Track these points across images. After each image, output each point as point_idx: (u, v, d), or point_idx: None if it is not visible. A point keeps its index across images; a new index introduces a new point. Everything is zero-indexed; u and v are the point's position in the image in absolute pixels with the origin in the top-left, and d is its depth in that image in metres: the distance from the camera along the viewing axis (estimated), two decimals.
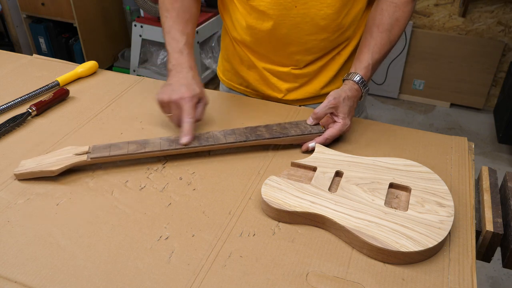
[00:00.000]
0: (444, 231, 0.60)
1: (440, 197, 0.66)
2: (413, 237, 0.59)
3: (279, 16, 0.87)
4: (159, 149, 0.76)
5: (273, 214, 0.66)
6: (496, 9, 2.50)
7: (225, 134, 0.79)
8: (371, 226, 0.61)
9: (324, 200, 0.66)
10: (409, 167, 0.72)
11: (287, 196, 0.66)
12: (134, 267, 0.59)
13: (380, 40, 0.85)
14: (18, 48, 2.95)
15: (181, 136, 0.77)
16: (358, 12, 0.90)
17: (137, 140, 0.78)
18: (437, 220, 0.62)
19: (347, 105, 0.80)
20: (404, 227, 0.61)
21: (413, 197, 0.66)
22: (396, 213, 0.63)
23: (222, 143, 0.78)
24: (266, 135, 0.79)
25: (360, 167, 0.72)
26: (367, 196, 0.66)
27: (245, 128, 0.81)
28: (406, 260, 0.59)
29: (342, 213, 0.63)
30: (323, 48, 0.92)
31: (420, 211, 0.64)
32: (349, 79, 0.84)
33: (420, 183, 0.69)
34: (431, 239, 0.59)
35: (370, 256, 0.60)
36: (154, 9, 2.35)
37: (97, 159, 0.74)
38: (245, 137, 0.79)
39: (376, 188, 0.68)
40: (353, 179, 0.70)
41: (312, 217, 0.64)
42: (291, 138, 0.80)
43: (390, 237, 0.59)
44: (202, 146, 0.77)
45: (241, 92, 1.06)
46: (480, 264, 0.78)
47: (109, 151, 0.75)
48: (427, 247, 0.58)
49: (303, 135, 0.80)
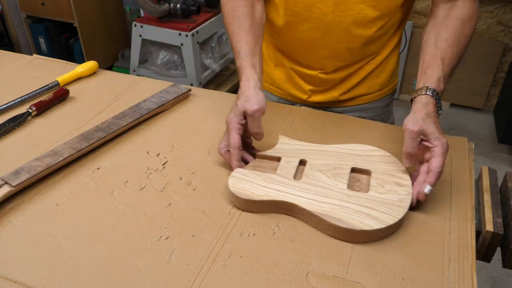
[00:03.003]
0: (404, 209, 0.64)
1: (399, 178, 0.70)
2: (376, 216, 0.63)
3: (315, 20, 0.87)
4: (77, 150, 0.76)
5: (240, 205, 0.68)
6: (496, 9, 2.50)
7: (122, 117, 0.86)
8: (336, 209, 0.64)
9: (290, 187, 0.68)
10: (369, 152, 0.76)
11: (254, 186, 0.68)
12: (134, 267, 0.59)
13: (450, 53, 0.78)
14: (18, 48, 2.95)
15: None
16: (391, 26, 0.90)
17: (44, 154, 0.75)
18: (397, 199, 0.66)
19: (431, 123, 0.69)
20: (367, 207, 0.64)
21: (373, 179, 0.70)
22: (358, 195, 0.67)
23: (124, 125, 0.84)
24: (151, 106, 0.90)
25: (322, 154, 0.76)
26: (330, 181, 0.69)
27: (129, 108, 0.89)
28: (370, 238, 0.62)
29: (307, 199, 0.66)
30: (353, 56, 0.92)
31: (381, 192, 0.67)
32: (419, 95, 0.74)
33: (379, 166, 0.73)
34: (392, 217, 0.63)
35: (336, 237, 0.63)
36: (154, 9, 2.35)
37: (21, 184, 0.70)
38: (139, 114, 0.87)
39: (339, 174, 0.71)
40: (316, 166, 0.73)
41: (279, 204, 0.66)
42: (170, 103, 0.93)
43: (354, 217, 0.62)
44: (110, 133, 0.82)
45: (265, 89, 1.06)
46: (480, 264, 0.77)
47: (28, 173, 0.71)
48: (389, 225, 0.62)
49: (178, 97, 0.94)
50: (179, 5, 2.38)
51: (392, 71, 1.00)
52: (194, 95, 1.00)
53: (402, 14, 0.91)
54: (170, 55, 2.56)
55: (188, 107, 0.95)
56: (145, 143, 0.83)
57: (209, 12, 2.56)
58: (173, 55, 2.55)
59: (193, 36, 2.39)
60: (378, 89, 1.00)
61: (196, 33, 2.41)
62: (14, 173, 0.70)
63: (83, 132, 0.81)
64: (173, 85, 0.99)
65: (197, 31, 2.42)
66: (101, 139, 0.80)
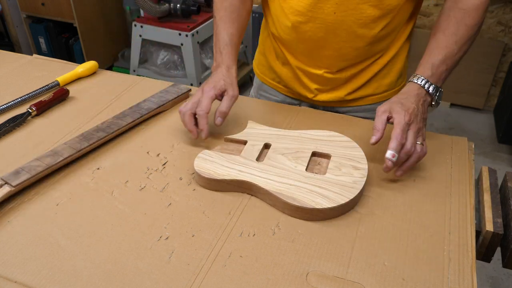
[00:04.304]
0: (356, 190, 0.67)
1: (356, 162, 0.74)
2: (328, 195, 0.67)
3: (318, 20, 0.87)
4: (77, 150, 0.77)
5: (204, 184, 0.72)
6: (496, 9, 2.50)
7: (122, 117, 0.86)
8: (291, 189, 0.68)
9: (251, 168, 0.72)
10: (331, 137, 0.80)
11: (217, 166, 0.73)
12: (134, 267, 0.59)
13: (445, 42, 0.81)
14: (18, 48, 2.95)
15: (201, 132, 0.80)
16: (396, 25, 0.90)
17: (44, 154, 0.75)
18: (351, 181, 0.69)
19: (398, 102, 0.74)
20: (321, 187, 0.68)
21: (332, 162, 0.74)
22: (315, 176, 0.70)
23: (124, 125, 0.84)
24: (150, 106, 0.90)
25: (287, 139, 0.79)
26: (290, 164, 0.73)
27: (129, 108, 0.89)
28: (321, 216, 0.66)
29: (266, 179, 0.70)
30: (358, 56, 0.92)
31: (337, 174, 0.71)
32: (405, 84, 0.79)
33: (339, 150, 0.76)
34: (343, 197, 0.66)
35: (292, 215, 0.67)
36: (154, 9, 2.35)
37: (21, 184, 0.70)
38: (139, 114, 0.87)
39: (300, 157, 0.75)
40: (279, 149, 0.77)
41: (239, 184, 0.70)
42: (168, 104, 0.93)
43: (307, 196, 0.67)
44: (110, 133, 0.82)
45: (273, 87, 1.07)
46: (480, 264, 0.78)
47: (28, 173, 0.71)
48: (339, 204, 0.65)
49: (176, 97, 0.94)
50: (179, 5, 2.38)
51: (399, 72, 0.99)
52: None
53: (408, 12, 0.90)
54: (170, 55, 2.56)
55: None
56: (145, 143, 0.83)
57: (209, 12, 2.56)
58: (173, 55, 2.55)
59: (193, 36, 2.39)
60: (385, 90, 1.00)
61: (196, 33, 2.41)
62: (14, 173, 0.70)
63: (83, 132, 0.81)
64: (173, 85, 0.99)
65: (197, 31, 2.42)
66: (101, 139, 0.80)
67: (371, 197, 0.71)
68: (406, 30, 0.94)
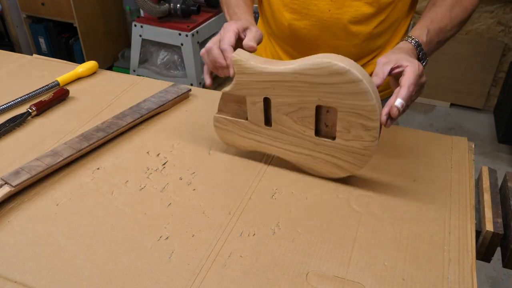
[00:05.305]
0: (368, 157, 0.69)
1: (366, 118, 0.65)
2: (342, 166, 0.71)
3: (313, 17, 0.87)
4: (77, 150, 0.77)
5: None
6: (496, 9, 2.50)
7: (122, 117, 0.86)
8: (308, 159, 0.74)
9: (265, 137, 0.75)
10: (332, 76, 0.65)
11: (235, 137, 0.78)
12: (134, 267, 0.59)
13: (441, 14, 0.80)
14: (18, 48, 2.95)
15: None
16: (393, 21, 0.90)
17: (44, 154, 0.76)
18: (362, 147, 0.69)
19: (402, 53, 0.71)
20: (334, 157, 0.71)
21: (340, 121, 0.68)
22: (326, 143, 0.71)
23: (124, 125, 0.85)
24: (150, 106, 0.91)
25: (284, 88, 0.69)
26: (298, 128, 0.72)
27: (129, 108, 0.90)
28: (335, 180, 0.74)
29: (283, 149, 0.75)
30: (355, 54, 0.92)
31: (347, 138, 0.69)
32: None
33: (346, 101, 0.65)
34: (356, 166, 0.71)
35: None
36: (154, 9, 2.35)
37: (21, 184, 0.70)
38: (139, 114, 0.88)
39: (305, 116, 0.71)
40: (281, 107, 0.71)
41: (259, 151, 0.77)
42: (169, 103, 0.94)
43: (324, 167, 0.73)
44: (110, 133, 0.83)
45: None
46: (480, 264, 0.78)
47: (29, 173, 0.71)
48: (353, 173, 0.72)
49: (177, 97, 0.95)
50: (179, 5, 2.38)
51: None
52: (194, 95, 1.00)
53: (405, 8, 0.90)
54: (170, 55, 2.56)
55: (188, 107, 0.95)
56: (145, 143, 0.83)
57: (209, 12, 2.57)
58: (173, 55, 2.55)
59: (193, 36, 2.39)
60: (384, 88, 1.00)
61: (196, 33, 2.41)
62: (14, 173, 0.70)
63: (83, 132, 0.81)
64: (173, 85, 0.99)
65: (197, 31, 2.42)
66: (101, 139, 0.80)
67: (371, 197, 0.71)
68: (404, 26, 0.94)
